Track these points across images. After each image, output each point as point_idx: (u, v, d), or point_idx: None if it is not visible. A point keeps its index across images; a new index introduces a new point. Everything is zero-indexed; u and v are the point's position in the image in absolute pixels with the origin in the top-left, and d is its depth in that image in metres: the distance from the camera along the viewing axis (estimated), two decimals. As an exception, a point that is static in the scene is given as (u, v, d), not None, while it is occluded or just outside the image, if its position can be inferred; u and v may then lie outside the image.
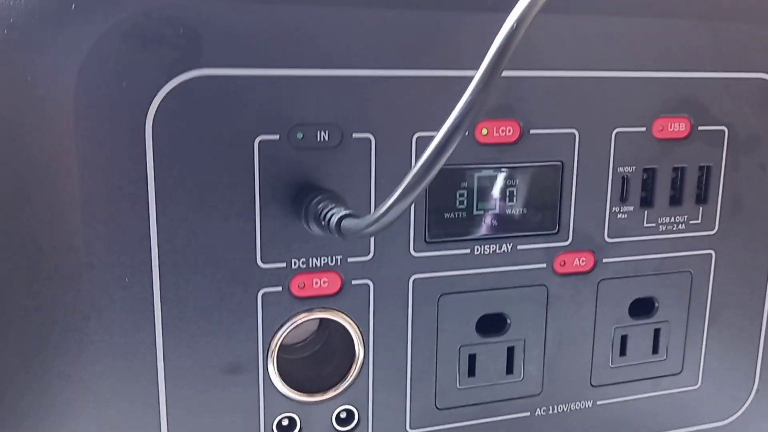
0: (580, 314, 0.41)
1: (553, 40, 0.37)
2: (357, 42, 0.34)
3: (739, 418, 0.47)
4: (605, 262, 0.41)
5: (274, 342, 0.36)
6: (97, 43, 0.30)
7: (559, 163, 0.39)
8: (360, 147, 0.35)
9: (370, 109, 0.35)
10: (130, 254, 0.33)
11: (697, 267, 0.43)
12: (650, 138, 0.40)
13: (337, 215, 0.31)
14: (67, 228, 0.32)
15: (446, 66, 0.35)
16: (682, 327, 0.44)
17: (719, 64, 0.40)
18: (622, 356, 0.43)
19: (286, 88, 0.33)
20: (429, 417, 0.40)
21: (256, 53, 0.32)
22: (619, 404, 0.44)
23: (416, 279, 0.38)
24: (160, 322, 0.34)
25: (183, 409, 0.35)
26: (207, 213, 0.33)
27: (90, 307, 0.33)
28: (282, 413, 0.37)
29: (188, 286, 0.34)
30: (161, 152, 0.32)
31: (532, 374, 0.41)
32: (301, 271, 0.35)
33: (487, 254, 0.39)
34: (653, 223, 0.41)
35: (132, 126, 0.31)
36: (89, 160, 0.31)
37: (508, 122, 0.37)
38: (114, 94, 0.31)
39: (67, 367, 0.33)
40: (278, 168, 0.34)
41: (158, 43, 0.31)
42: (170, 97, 0.32)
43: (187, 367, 0.35)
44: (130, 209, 0.32)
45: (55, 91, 0.31)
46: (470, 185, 0.38)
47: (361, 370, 0.38)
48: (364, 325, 0.37)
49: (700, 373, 0.45)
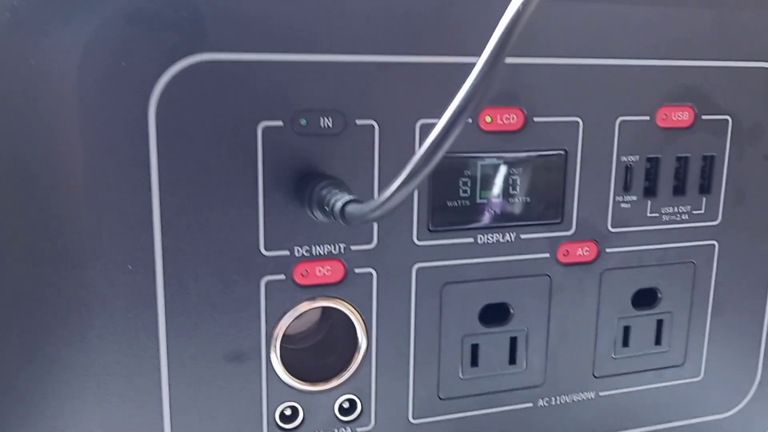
0: (583, 304, 0.41)
1: (557, 28, 0.37)
2: (361, 27, 0.34)
3: (741, 410, 0.47)
4: (608, 252, 0.41)
5: (276, 330, 0.36)
6: (99, 27, 0.30)
7: (562, 152, 0.39)
8: (363, 134, 0.35)
9: (373, 96, 0.35)
10: (133, 241, 0.32)
11: (700, 258, 0.43)
12: (654, 127, 0.40)
13: (341, 201, 0.31)
14: (70, 215, 0.32)
15: (450, 52, 0.35)
16: (685, 318, 0.44)
17: (724, 52, 0.40)
18: (624, 347, 0.43)
19: (290, 73, 0.33)
20: (432, 407, 0.40)
21: (261, 38, 0.32)
22: (621, 395, 0.44)
23: (419, 268, 0.38)
24: (163, 309, 0.34)
25: (185, 397, 0.35)
26: (210, 200, 0.33)
27: (92, 294, 0.32)
28: (284, 402, 0.37)
29: (191, 274, 0.34)
30: (164, 138, 0.32)
31: (534, 365, 0.41)
32: (304, 259, 0.35)
33: (490, 243, 0.38)
34: (657, 213, 0.41)
35: (135, 111, 0.31)
36: (92, 145, 0.31)
37: (512, 110, 0.37)
38: (117, 78, 0.31)
39: (69, 354, 0.33)
40: (282, 155, 0.34)
41: (161, 26, 0.31)
42: (173, 82, 0.31)
43: (190, 356, 0.35)
44: (132, 196, 0.32)
45: (58, 76, 0.31)
46: (473, 173, 0.37)
47: (363, 360, 0.38)
48: (367, 314, 0.37)
49: (703, 364, 0.45)
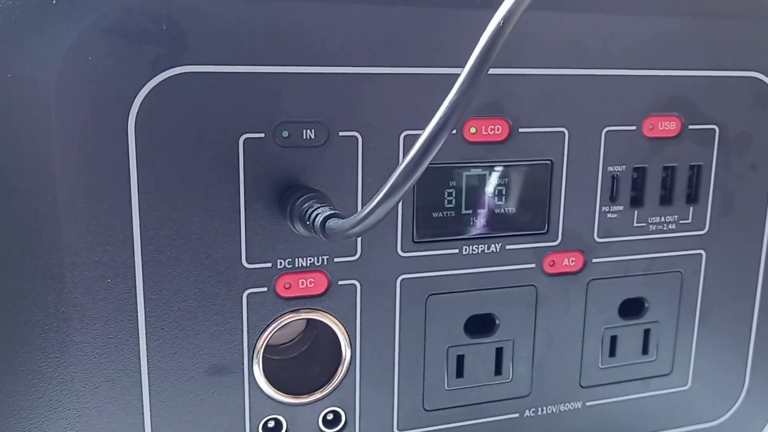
0: (570, 315, 0.41)
1: (542, 38, 0.36)
2: (344, 38, 0.33)
3: (729, 419, 0.47)
4: (595, 262, 0.41)
5: (259, 343, 0.35)
6: (78, 39, 0.30)
7: (548, 162, 0.38)
8: (347, 146, 0.35)
9: (357, 107, 0.34)
10: (113, 254, 0.32)
11: (687, 267, 0.43)
12: (640, 137, 0.40)
13: (322, 215, 0.30)
14: (49, 227, 0.31)
15: (434, 63, 0.35)
16: (672, 327, 0.44)
17: (710, 62, 0.40)
18: (611, 357, 0.43)
19: (272, 85, 0.33)
20: (417, 418, 0.40)
21: (241, 50, 0.32)
22: (608, 405, 0.44)
23: (404, 279, 0.37)
24: (143, 322, 0.33)
25: (167, 411, 0.35)
26: (191, 212, 0.33)
27: (72, 307, 0.32)
28: (268, 415, 0.37)
29: (172, 287, 0.33)
30: (144, 150, 0.32)
31: (521, 375, 0.41)
32: (286, 271, 0.35)
33: (475, 254, 0.38)
34: (643, 222, 0.41)
35: (115, 124, 0.31)
36: (71, 158, 0.31)
37: (497, 121, 0.37)
38: (96, 91, 0.30)
39: (48, 368, 0.33)
40: (263, 167, 0.33)
41: (141, 39, 0.30)
42: (153, 95, 0.31)
43: (171, 369, 0.34)
44: (112, 208, 0.32)
45: (36, 89, 0.30)
46: (459, 184, 0.37)
47: (348, 372, 0.38)
48: (351, 326, 0.37)
49: (690, 373, 0.45)
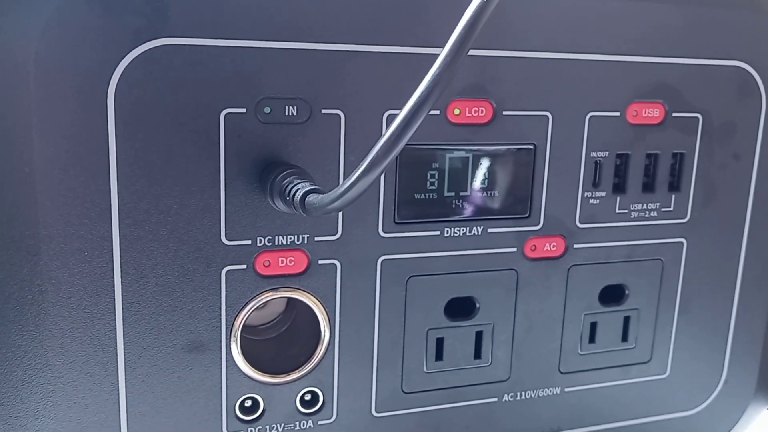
0: (550, 300, 0.41)
1: (528, 21, 0.36)
2: (328, 15, 0.33)
3: (706, 408, 0.47)
4: (576, 247, 0.41)
5: (237, 321, 0.35)
6: (59, 9, 0.29)
7: (531, 146, 0.38)
8: (329, 123, 0.34)
9: (340, 85, 0.34)
10: (90, 227, 0.32)
11: (668, 255, 0.43)
12: (624, 123, 0.40)
13: (302, 190, 0.30)
14: (25, 199, 0.31)
15: (419, 43, 0.35)
16: (652, 315, 0.44)
17: (695, 50, 0.40)
18: (591, 343, 0.43)
19: (255, 60, 0.32)
20: (395, 400, 0.39)
21: (225, 23, 0.32)
22: (587, 391, 0.44)
23: (384, 260, 0.37)
24: (120, 297, 0.33)
25: (142, 387, 0.34)
26: (170, 187, 0.33)
27: (47, 280, 0.32)
28: (245, 394, 0.36)
29: (149, 262, 0.33)
30: (124, 123, 0.31)
31: (500, 359, 0.41)
32: (266, 249, 0.35)
33: (457, 237, 0.38)
34: (625, 209, 0.41)
35: (94, 95, 0.31)
36: (49, 129, 0.30)
37: (481, 102, 0.37)
38: (75, 61, 0.30)
39: (22, 341, 0.32)
40: (244, 142, 0.33)
41: (122, 9, 0.30)
42: (134, 66, 0.31)
43: (147, 345, 0.34)
44: (90, 181, 0.31)
45: (15, 57, 0.30)
46: (441, 166, 0.37)
47: (326, 352, 0.37)
48: (331, 306, 0.37)
49: (669, 362, 0.45)
